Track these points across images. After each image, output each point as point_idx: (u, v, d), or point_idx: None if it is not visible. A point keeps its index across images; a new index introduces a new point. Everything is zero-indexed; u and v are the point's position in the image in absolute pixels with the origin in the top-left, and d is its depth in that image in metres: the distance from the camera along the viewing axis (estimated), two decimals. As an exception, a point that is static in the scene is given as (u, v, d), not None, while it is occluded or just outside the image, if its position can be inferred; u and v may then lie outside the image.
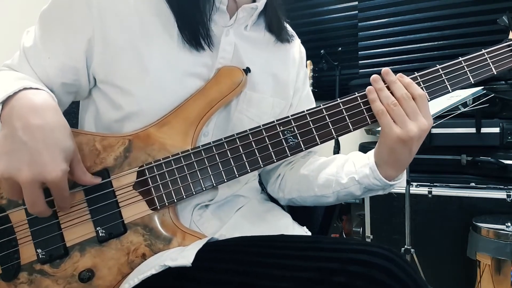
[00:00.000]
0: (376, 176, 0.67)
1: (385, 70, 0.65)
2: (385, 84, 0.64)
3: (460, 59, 0.67)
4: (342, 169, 0.73)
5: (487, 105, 1.64)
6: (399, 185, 0.70)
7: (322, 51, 2.32)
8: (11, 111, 0.54)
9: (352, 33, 2.49)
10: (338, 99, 0.65)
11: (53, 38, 0.64)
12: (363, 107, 0.65)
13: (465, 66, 0.67)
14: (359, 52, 2.45)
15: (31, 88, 0.57)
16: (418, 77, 0.66)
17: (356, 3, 2.44)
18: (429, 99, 0.65)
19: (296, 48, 0.85)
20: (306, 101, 0.87)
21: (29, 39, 0.66)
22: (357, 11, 2.45)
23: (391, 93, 0.63)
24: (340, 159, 0.76)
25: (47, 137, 0.53)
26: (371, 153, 0.70)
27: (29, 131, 0.52)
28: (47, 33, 0.65)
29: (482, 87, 1.44)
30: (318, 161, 0.80)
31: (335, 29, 2.55)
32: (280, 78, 0.78)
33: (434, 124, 1.82)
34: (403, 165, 0.66)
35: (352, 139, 2.36)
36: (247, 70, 0.70)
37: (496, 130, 1.75)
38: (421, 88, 0.65)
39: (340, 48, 2.36)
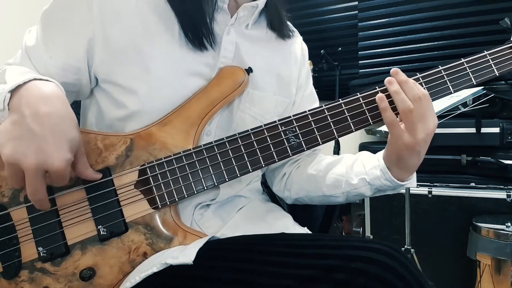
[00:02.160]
0: (388, 177, 0.68)
1: (395, 70, 0.64)
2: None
3: (462, 60, 0.67)
4: (351, 169, 0.73)
5: (487, 105, 1.64)
6: (409, 185, 0.71)
7: (322, 51, 2.32)
8: (20, 99, 0.54)
9: (352, 33, 2.49)
10: (340, 99, 0.66)
11: (54, 38, 0.65)
12: (365, 108, 0.65)
13: (467, 68, 0.67)
14: (359, 52, 2.46)
15: (40, 79, 0.57)
16: (420, 78, 0.66)
17: (356, 3, 2.44)
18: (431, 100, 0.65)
19: (298, 45, 0.85)
20: (309, 99, 0.87)
21: (31, 39, 0.66)
22: (357, 11, 2.45)
23: (405, 91, 0.62)
24: (348, 159, 0.76)
25: (54, 126, 0.53)
26: (381, 154, 0.70)
27: (38, 119, 0.52)
28: (49, 33, 0.65)
29: (482, 87, 1.45)
30: (325, 160, 0.80)
31: (335, 29, 2.55)
32: (282, 76, 0.78)
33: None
34: (413, 168, 0.67)
35: (352, 139, 2.36)
36: (249, 70, 0.70)
37: (496, 130, 1.75)
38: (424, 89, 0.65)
39: (340, 48, 2.36)
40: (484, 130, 1.77)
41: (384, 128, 1.53)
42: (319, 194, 0.78)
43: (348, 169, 0.73)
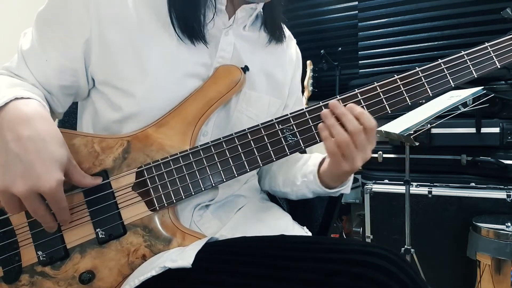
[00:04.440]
0: (318, 185, 0.71)
1: (333, 103, 0.63)
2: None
3: (463, 52, 0.66)
4: (300, 170, 0.77)
5: (487, 105, 1.64)
6: (343, 191, 0.74)
7: (322, 51, 2.32)
8: (1, 123, 0.53)
9: (352, 33, 2.49)
10: (338, 96, 0.65)
11: (50, 40, 0.64)
12: (363, 104, 0.64)
13: (467, 60, 0.66)
14: (359, 52, 2.46)
15: (22, 98, 0.56)
16: (419, 72, 0.65)
17: (356, 3, 2.44)
18: (431, 95, 0.65)
19: (293, 49, 0.86)
20: (299, 103, 0.88)
21: (26, 42, 0.65)
22: (357, 11, 2.45)
23: (343, 125, 0.62)
24: (303, 159, 0.80)
25: (39, 148, 0.52)
26: (320, 159, 0.74)
27: (21, 143, 0.52)
28: (44, 35, 0.64)
29: (482, 87, 1.44)
30: (289, 158, 0.81)
31: (335, 29, 2.55)
32: (276, 77, 0.79)
33: (434, 124, 1.83)
34: (345, 180, 0.71)
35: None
36: (245, 69, 0.70)
37: (496, 130, 1.75)
38: (423, 83, 0.65)
39: (340, 48, 2.36)
40: (484, 130, 1.77)
41: (383, 128, 1.52)
42: (277, 190, 0.83)
43: (298, 169, 0.77)
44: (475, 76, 0.65)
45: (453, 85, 0.65)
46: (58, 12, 0.64)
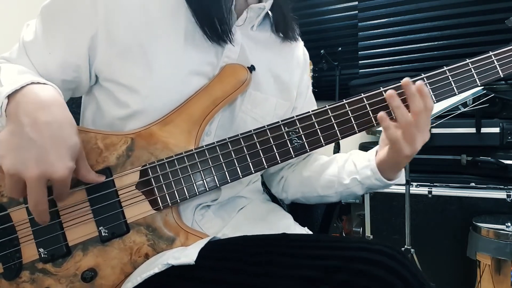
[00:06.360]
0: (378, 178, 0.70)
1: (406, 80, 0.63)
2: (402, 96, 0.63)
3: (467, 61, 0.66)
4: (343, 169, 0.75)
5: (487, 105, 1.65)
6: (398, 182, 0.73)
7: (322, 51, 2.32)
8: (18, 106, 0.53)
9: (352, 33, 2.49)
10: (344, 100, 0.65)
11: (55, 34, 0.63)
12: (369, 109, 0.65)
13: (472, 68, 0.66)
14: (359, 52, 2.46)
15: (38, 82, 0.56)
16: (425, 78, 0.65)
17: (356, 3, 2.44)
18: (435, 101, 0.65)
19: (300, 50, 0.86)
20: (309, 103, 0.88)
21: (29, 33, 0.64)
22: (357, 11, 2.45)
23: (409, 104, 0.62)
24: (340, 159, 0.78)
25: (54, 134, 0.52)
26: (372, 153, 0.72)
27: (37, 128, 0.51)
28: (49, 28, 0.63)
29: (482, 87, 1.45)
30: (319, 161, 0.82)
31: (335, 29, 2.55)
32: (284, 79, 0.78)
33: (434, 124, 1.82)
34: (403, 167, 0.70)
35: (352, 139, 2.35)
36: (251, 68, 0.70)
37: (496, 130, 1.75)
38: (428, 90, 0.65)
39: (340, 48, 2.36)
40: (484, 130, 1.77)
41: (384, 128, 1.52)
42: (315, 195, 0.81)
43: (340, 169, 0.76)
44: (479, 84, 0.66)
45: (457, 93, 0.66)
46: (65, 7, 0.63)
